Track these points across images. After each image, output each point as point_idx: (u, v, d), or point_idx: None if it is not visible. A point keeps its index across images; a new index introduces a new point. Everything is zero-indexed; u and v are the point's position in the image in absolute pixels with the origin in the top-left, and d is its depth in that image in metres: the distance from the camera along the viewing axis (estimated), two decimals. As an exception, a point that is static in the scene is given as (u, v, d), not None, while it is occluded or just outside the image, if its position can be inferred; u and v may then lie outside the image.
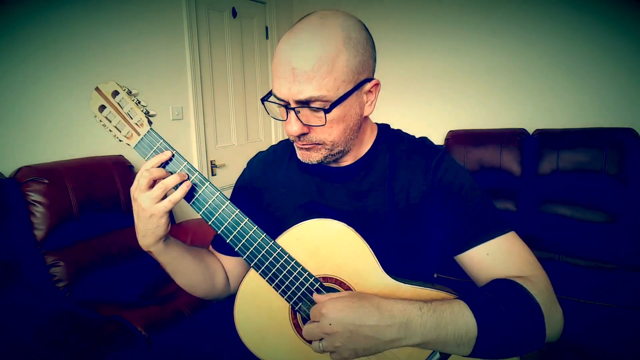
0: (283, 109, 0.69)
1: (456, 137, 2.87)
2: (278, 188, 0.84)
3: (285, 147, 0.88)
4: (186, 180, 0.69)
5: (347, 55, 0.64)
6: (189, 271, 0.79)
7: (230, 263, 0.88)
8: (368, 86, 0.70)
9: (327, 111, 0.65)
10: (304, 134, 0.69)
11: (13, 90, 1.84)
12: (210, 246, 0.91)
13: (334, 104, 0.65)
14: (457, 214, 0.72)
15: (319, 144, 0.71)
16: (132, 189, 0.69)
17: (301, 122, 0.68)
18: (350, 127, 0.70)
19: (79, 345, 1.38)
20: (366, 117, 0.76)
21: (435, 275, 0.87)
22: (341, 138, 0.71)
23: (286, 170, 0.84)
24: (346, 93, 0.66)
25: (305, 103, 0.65)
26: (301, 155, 0.74)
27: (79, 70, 2.05)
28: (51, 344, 1.37)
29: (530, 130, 2.73)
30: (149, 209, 0.67)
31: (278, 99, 0.68)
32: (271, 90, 0.70)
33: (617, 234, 2.24)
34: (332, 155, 0.73)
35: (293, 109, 0.67)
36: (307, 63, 0.63)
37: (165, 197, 0.68)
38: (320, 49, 0.63)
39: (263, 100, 0.71)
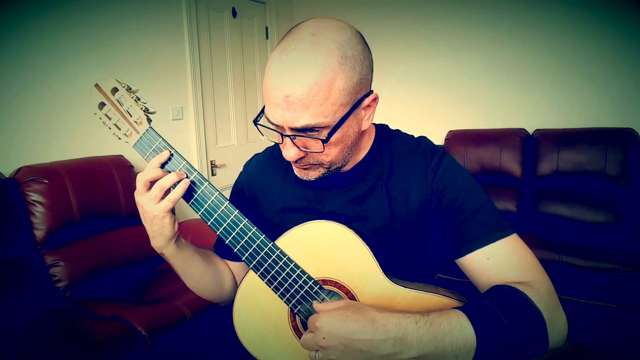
0: (278, 134, 0.67)
1: (456, 137, 2.86)
2: (275, 192, 0.83)
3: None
4: (184, 178, 0.69)
5: (344, 77, 0.61)
6: (199, 273, 0.79)
7: (237, 268, 0.88)
8: (366, 102, 0.68)
9: (325, 141, 0.64)
10: (301, 158, 0.68)
11: (13, 90, 1.83)
12: (214, 251, 0.91)
13: (332, 131, 0.63)
14: (457, 216, 0.71)
15: (317, 164, 0.70)
16: (135, 193, 0.69)
17: (298, 147, 0.66)
18: (348, 145, 0.69)
19: (79, 346, 1.38)
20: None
21: (436, 277, 0.86)
22: (339, 157, 0.70)
23: (283, 174, 0.83)
24: (344, 116, 0.64)
25: (301, 130, 0.63)
26: (298, 173, 0.73)
27: (79, 71, 2.05)
28: (51, 344, 1.37)
29: (530, 130, 2.72)
30: (151, 210, 0.67)
31: (271, 122, 0.66)
32: (263, 109, 0.68)
33: (617, 234, 2.24)
34: (329, 171, 0.72)
35: (289, 135, 0.65)
36: (301, 90, 0.59)
37: (165, 197, 0.68)
38: (315, 74, 0.59)
39: (255, 122, 0.69)
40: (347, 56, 0.61)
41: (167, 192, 0.69)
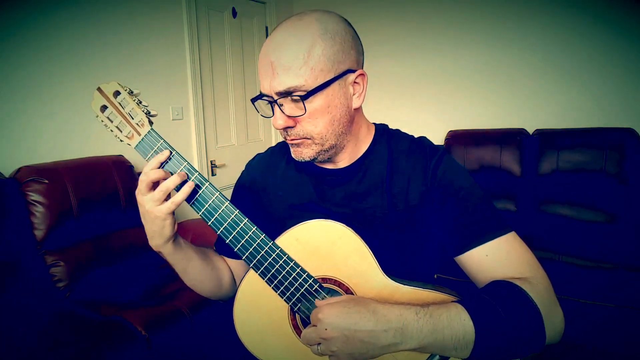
0: (269, 106, 0.70)
1: (456, 137, 2.86)
2: (276, 190, 0.84)
3: (282, 149, 0.88)
4: (187, 180, 0.70)
5: (323, 45, 0.66)
6: (196, 271, 0.80)
7: (236, 265, 0.89)
8: (352, 77, 0.70)
9: (304, 98, 0.66)
10: (290, 127, 0.70)
11: (13, 91, 1.84)
12: (214, 248, 0.92)
13: (312, 92, 0.66)
14: (457, 215, 0.71)
15: (308, 139, 0.71)
16: (136, 192, 0.70)
17: (285, 115, 0.69)
18: (337, 118, 0.70)
19: (79, 346, 1.39)
20: (358, 110, 0.76)
21: (435, 276, 0.87)
22: (329, 130, 0.71)
23: (284, 171, 0.84)
24: (326, 82, 0.66)
25: (285, 94, 0.67)
26: (293, 152, 0.74)
27: (79, 71, 2.06)
28: (51, 344, 1.37)
29: (530, 130, 2.73)
30: (153, 211, 0.68)
31: (264, 96, 0.70)
32: (261, 93, 0.72)
33: (617, 233, 2.24)
34: (324, 151, 0.73)
35: (276, 101, 0.68)
36: (283, 55, 0.65)
37: (168, 198, 0.68)
38: (296, 41, 0.65)
39: (253, 100, 0.72)
40: (328, 29, 0.67)
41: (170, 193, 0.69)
